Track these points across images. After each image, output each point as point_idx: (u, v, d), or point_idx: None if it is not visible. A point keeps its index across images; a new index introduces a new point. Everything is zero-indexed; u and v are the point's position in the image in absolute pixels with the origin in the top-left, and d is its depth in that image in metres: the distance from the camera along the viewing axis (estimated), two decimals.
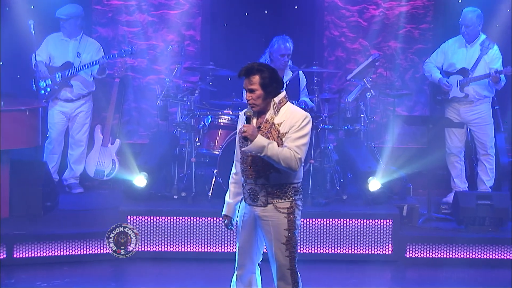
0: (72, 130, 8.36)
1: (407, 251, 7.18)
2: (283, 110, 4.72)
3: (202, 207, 7.24)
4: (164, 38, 9.18)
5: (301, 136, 4.67)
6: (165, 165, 7.78)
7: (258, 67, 4.68)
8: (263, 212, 4.74)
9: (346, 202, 7.58)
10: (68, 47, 8.21)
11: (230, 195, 4.93)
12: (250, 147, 4.58)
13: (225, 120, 7.70)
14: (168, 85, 7.92)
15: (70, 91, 8.22)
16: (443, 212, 7.76)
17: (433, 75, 8.15)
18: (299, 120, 4.68)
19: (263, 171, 4.70)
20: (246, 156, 4.73)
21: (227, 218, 4.95)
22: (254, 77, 4.66)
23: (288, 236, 4.74)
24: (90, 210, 7.63)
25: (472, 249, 7.16)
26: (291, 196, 4.74)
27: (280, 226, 4.73)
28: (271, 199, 4.72)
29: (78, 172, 8.40)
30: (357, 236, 7.13)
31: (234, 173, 4.91)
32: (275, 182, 4.71)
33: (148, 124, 9.26)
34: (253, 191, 4.74)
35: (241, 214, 4.86)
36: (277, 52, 7.84)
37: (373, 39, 9.28)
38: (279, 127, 4.68)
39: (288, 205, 4.74)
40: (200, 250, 7.10)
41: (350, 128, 8.05)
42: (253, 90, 4.67)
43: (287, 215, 4.73)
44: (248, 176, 4.75)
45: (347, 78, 8.32)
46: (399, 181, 7.81)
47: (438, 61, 8.20)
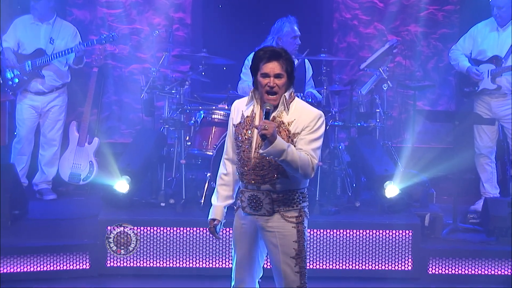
0: (43, 128, 8.37)
1: (430, 266, 7.18)
2: (292, 107, 4.70)
3: (193, 216, 7.23)
4: (150, 22, 9.18)
5: (316, 139, 4.66)
6: (150, 167, 7.78)
7: (285, 52, 4.67)
8: (267, 222, 4.73)
9: (359, 210, 7.59)
10: (40, 32, 8.21)
11: (218, 198, 4.90)
12: (269, 150, 4.52)
13: (219, 116, 7.71)
14: (154, 76, 7.92)
15: (42, 82, 8.22)
16: (471, 222, 7.76)
17: (460, 64, 8.15)
18: (314, 119, 4.67)
19: (268, 176, 4.68)
20: (248, 158, 4.70)
21: (215, 223, 4.87)
22: (283, 62, 4.64)
23: (298, 249, 4.73)
24: (65, 219, 7.62)
25: (504, 264, 7.16)
26: (299, 203, 4.74)
27: (289, 238, 4.72)
28: (277, 207, 4.71)
29: (51, 176, 8.41)
30: (372, 250, 7.13)
31: (224, 173, 4.89)
32: (282, 189, 4.70)
33: (131, 120, 9.26)
34: (255, 199, 4.73)
35: (237, 224, 4.85)
36: (288, 35, 7.89)
37: (391, 22, 9.29)
38: (289, 126, 4.66)
39: (297, 213, 4.73)
40: (191, 266, 7.09)
41: (364, 125, 8.05)
42: (281, 76, 4.64)
43: (296, 224, 4.72)
44: (249, 181, 4.73)
45: (361, 67, 8.32)
46: (421, 186, 7.81)
47: (466, 47, 8.19)
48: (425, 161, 8.29)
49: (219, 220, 4.88)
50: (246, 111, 4.77)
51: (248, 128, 4.72)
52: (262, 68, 4.63)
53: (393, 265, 7.15)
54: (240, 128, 4.75)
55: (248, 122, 4.73)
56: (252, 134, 4.71)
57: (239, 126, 4.76)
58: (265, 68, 4.63)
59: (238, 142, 4.76)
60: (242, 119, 4.76)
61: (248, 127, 4.72)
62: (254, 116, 4.73)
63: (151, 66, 8.29)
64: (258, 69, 4.65)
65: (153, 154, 7.75)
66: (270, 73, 4.62)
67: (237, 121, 4.78)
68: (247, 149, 4.71)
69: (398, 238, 7.15)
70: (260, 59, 4.64)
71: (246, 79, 7.96)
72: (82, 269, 6.95)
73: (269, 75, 4.63)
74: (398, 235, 7.15)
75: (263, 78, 4.64)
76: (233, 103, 4.91)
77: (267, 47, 4.69)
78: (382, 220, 7.29)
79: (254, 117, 4.73)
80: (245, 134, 4.72)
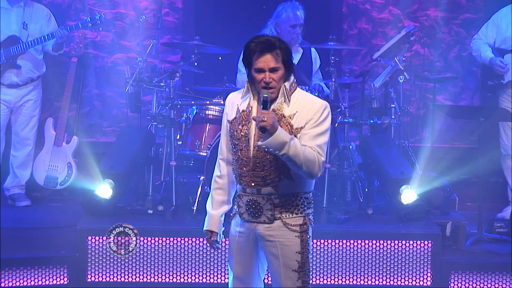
0: (16, 125, 8.37)
1: (451, 282, 7.19)
2: (294, 98, 4.71)
3: (184, 225, 7.25)
4: (136, 6, 9.19)
5: (322, 133, 4.66)
6: (136, 170, 7.79)
7: (279, 40, 4.67)
8: (267, 230, 4.74)
9: (371, 218, 7.60)
10: (10, 16, 8.20)
11: (213, 204, 4.91)
12: (269, 142, 4.51)
13: (214, 112, 7.72)
14: (140, 66, 7.92)
15: (18, 73, 8.20)
16: (498, 232, 7.77)
17: (483, 55, 8.17)
18: (318, 111, 4.67)
19: (270, 177, 4.68)
20: (246, 158, 4.70)
21: (213, 235, 4.91)
22: (278, 53, 4.64)
23: (301, 261, 4.74)
24: (40, 228, 7.63)
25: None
26: (303, 209, 4.75)
27: (291, 249, 4.72)
28: (279, 213, 4.72)
29: (24, 180, 8.41)
30: (386, 263, 7.14)
31: (218, 176, 4.90)
32: (285, 192, 4.71)
33: (114, 116, 9.28)
34: (254, 204, 4.73)
35: (234, 233, 4.85)
36: (286, 22, 7.89)
37: (407, 6, 9.31)
38: (291, 120, 4.66)
39: (301, 221, 4.74)
40: (182, 281, 7.10)
41: (377, 122, 8.06)
42: (277, 69, 4.64)
43: (300, 234, 4.73)
44: (248, 184, 4.73)
45: (374, 57, 8.33)
46: (441, 191, 7.82)
47: (489, 36, 8.21)
48: (447, 162, 8.31)
49: (217, 233, 4.90)
50: (241, 105, 4.77)
51: (244, 123, 4.72)
52: (255, 63, 4.63)
53: (410, 280, 7.16)
54: (236, 124, 4.75)
55: (245, 116, 4.73)
56: (249, 130, 4.70)
57: (234, 121, 4.76)
58: (258, 62, 4.63)
59: (234, 139, 4.75)
60: (238, 114, 4.76)
61: (245, 122, 4.72)
62: (250, 110, 4.73)
63: (137, 56, 8.29)
64: (251, 63, 4.66)
65: (139, 155, 7.76)
66: (265, 67, 4.63)
67: (232, 117, 4.78)
68: (244, 148, 4.71)
69: (415, 250, 7.16)
70: (253, 52, 4.64)
71: (244, 70, 7.95)
72: (59, 284, 6.95)
73: (264, 70, 4.63)
74: (415, 246, 7.16)
75: (258, 73, 4.65)
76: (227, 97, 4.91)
77: (258, 37, 4.67)
78: (398, 229, 7.29)
79: (250, 111, 4.73)
80: (241, 131, 4.72)
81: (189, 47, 8.18)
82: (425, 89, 9.01)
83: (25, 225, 7.73)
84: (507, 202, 8.28)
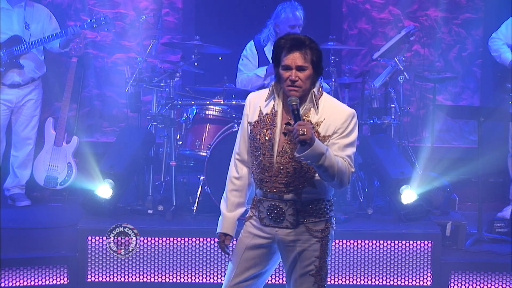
0: (16, 125, 8.37)
1: (451, 281, 7.19)
2: (321, 104, 4.62)
3: (184, 225, 7.25)
4: (136, 6, 9.20)
5: (351, 143, 4.59)
6: (136, 170, 7.79)
7: (310, 40, 4.56)
8: (289, 235, 4.65)
9: (371, 219, 7.61)
10: (12, 17, 8.22)
11: (229, 206, 4.76)
12: (308, 154, 4.37)
13: (214, 112, 7.71)
14: (140, 66, 7.92)
15: (20, 73, 8.20)
16: (498, 232, 7.77)
17: (502, 56, 8.12)
18: (347, 120, 4.60)
19: (294, 184, 4.59)
20: (269, 163, 4.58)
21: (226, 238, 4.78)
22: (307, 52, 4.54)
23: (319, 265, 4.67)
24: (40, 228, 7.63)
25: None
26: (327, 213, 4.67)
27: (310, 253, 4.66)
28: (303, 218, 4.63)
29: (24, 180, 8.41)
30: (386, 263, 7.14)
31: (236, 177, 4.75)
32: (308, 198, 4.63)
33: (114, 116, 9.28)
34: (276, 209, 4.62)
35: (247, 236, 4.72)
36: (285, 22, 7.88)
37: (407, 6, 9.31)
38: (319, 128, 4.56)
39: (323, 225, 4.65)
40: (182, 281, 7.10)
41: (377, 122, 8.07)
42: (304, 68, 4.54)
43: (321, 239, 4.65)
44: (271, 189, 4.62)
45: (374, 57, 8.33)
46: (441, 191, 7.82)
47: (509, 36, 8.14)
48: (447, 162, 8.30)
49: (231, 236, 4.77)
50: (265, 108, 4.65)
51: (268, 127, 4.61)
52: (283, 60, 4.53)
53: (410, 280, 7.16)
54: (259, 128, 4.63)
55: (268, 120, 4.62)
56: (273, 135, 4.59)
57: (257, 125, 4.64)
58: (286, 59, 4.52)
59: (256, 143, 4.63)
60: (260, 117, 4.64)
61: (269, 126, 4.61)
62: (275, 114, 4.62)
63: (137, 56, 8.30)
64: (280, 61, 4.56)
65: (139, 155, 7.76)
66: (292, 65, 4.51)
67: (254, 119, 4.66)
68: (268, 153, 4.60)
69: (415, 250, 7.16)
70: (281, 49, 4.55)
71: (245, 70, 7.98)
72: (59, 284, 6.95)
73: (291, 68, 4.52)
74: (415, 246, 7.16)
75: (285, 71, 4.54)
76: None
77: (288, 35, 4.59)
78: (398, 229, 7.30)
79: (275, 115, 4.62)
80: (266, 135, 4.61)
81: (189, 47, 8.18)
82: (425, 89, 9.01)
83: (25, 225, 7.73)
84: (507, 202, 8.27)
